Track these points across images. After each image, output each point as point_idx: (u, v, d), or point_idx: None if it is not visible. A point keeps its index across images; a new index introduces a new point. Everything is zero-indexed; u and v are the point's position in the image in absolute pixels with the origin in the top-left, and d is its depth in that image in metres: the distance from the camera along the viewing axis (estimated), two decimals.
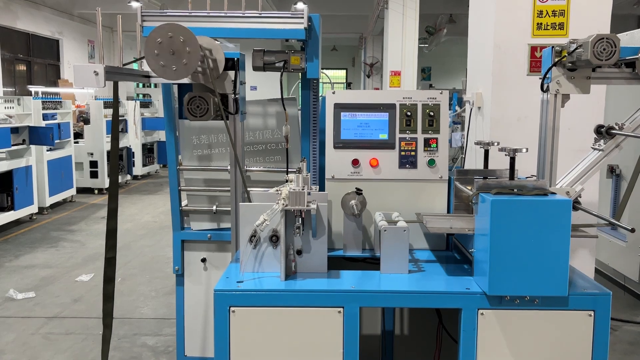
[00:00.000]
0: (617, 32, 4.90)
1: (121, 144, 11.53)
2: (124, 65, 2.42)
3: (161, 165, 13.83)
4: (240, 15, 2.98)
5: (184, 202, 3.66)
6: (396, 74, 12.44)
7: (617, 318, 5.01)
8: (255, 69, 3.22)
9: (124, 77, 2.34)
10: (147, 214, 9.28)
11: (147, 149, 12.99)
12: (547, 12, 4.29)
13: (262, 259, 2.30)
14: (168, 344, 4.40)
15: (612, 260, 5.64)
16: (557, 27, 4.30)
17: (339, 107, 2.65)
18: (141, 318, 5.01)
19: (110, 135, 10.93)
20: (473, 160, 4.83)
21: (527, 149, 2.21)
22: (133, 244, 7.48)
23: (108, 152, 10.98)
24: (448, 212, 2.70)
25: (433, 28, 13.58)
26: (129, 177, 11.93)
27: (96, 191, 10.84)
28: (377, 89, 17.02)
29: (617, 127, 2.65)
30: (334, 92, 2.67)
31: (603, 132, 2.68)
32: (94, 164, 10.70)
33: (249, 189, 2.78)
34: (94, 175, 10.72)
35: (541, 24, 4.31)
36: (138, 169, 12.44)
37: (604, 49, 2.36)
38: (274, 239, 2.27)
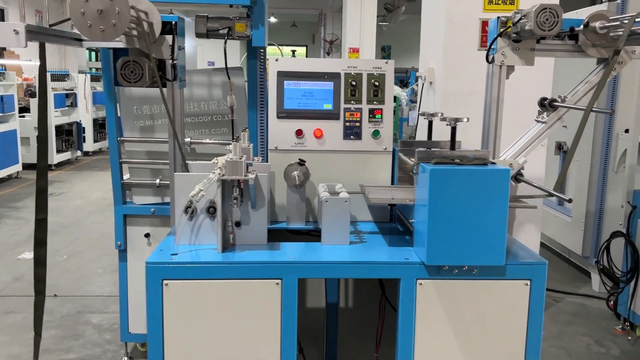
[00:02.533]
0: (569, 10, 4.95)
1: (71, 119, 11.12)
2: (50, 26, 2.27)
3: None
4: None
5: (126, 176, 3.53)
6: (354, 51, 12.35)
7: (561, 290, 5.17)
8: (198, 35, 3.09)
9: (49, 39, 2.19)
10: (97, 191, 9.00)
11: (99, 124, 12.56)
12: None
13: (199, 231, 2.23)
14: (113, 321, 4.28)
15: (558, 235, 5.80)
16: (507, 2, 4.30)
17: (283, 75, 2.56)
18: (86, 295, 4.87)
19: (58, 110, 10.52)
20: (425, 136, 4.83)
21: (467, 119, 2.19)
22: (82, 220, 7.25)
23: (56, 127, 10.57)
24: (392, 183, 2.67)
25: (391, 5, 13.51)
26: (79, 153, 11.54)
27: None
28: None
29: (559, 100, 2.65)
30: (277, 60, 2.58)
31: (546, 105, 2.68)
32: None
33: (190, 161, 2.68)
34: None
35: None
36: (89, 145, 12.05)
37: (547, 19, 2.35)
38: (211, 210, 2.19)
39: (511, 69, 2.65)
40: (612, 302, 4.45)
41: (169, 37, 2.56)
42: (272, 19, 23.25)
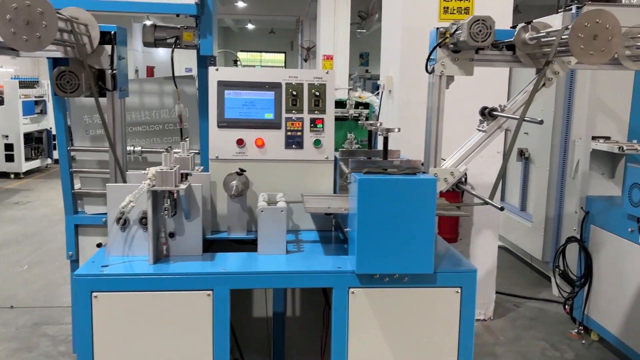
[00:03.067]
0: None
1: (41, 126, 10.98)
2: None
3: None
4: None
5: (77, 185, 3.50)
6: (328, 58, 12.40)
7: (521, 295, 5.23)
8: (145, 44, 3.10)
9: None
10: None
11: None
12: None
13: (132, 242, 2.21)
14: (69, 332, 4.22)
15: (520, 240, 5.87)
16: (462, 12, 4.37)
17: (223, 85, 2.57)
18: (44, 307, 4.80)
19: (27, 117, 10.39)
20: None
21: (399, 129, 2.21)
22: (47, 229, 7.16)
23: (26, 135, 10.44)
24: (335, 192, 2.69)
25: (365, 13, 13.60)
26: (49, 160, 11.38)
27: (12, 175, 10.29)
28: None
29: (499, 109, 2.70)
30: (217, 69, 2.58)
31: (486, 114, 2.72)
32: (9, 147, 10.13)
33: (134, 171, 2.66)
34: (9, 158, 10.16)
35: (447, 7, 4.37)
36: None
37: (480, 31, 2.39)
38: (143, 221, 2.18)
39: (451, 79, 2.69)
40: (567, 307, 4.52)
41: (108, 47, 2.55)
42: (250, 26, 23.29)
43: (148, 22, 3.30)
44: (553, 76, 2.63)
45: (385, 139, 2.24)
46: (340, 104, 10.77)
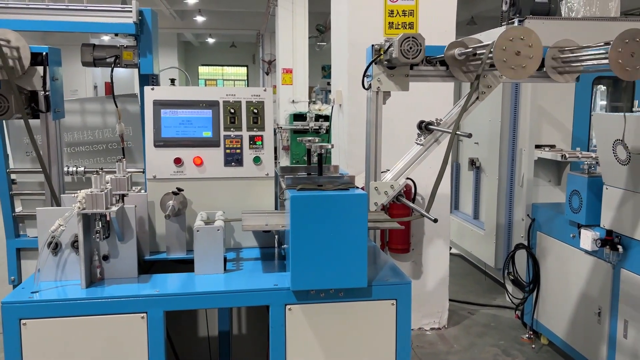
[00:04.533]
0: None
1: None
2: None
3: None
4: (64, 7, 2.82)
5: (18, 208, 3.42)
6: (288, 72, 12.45)
7: (476, 302, 5.32)
8: (84, 64, 3.06)
9: None
10: None
11: None
12: (398, 12, 4.44)
13: (64, 267, 2.17)
14: None
15: (474, 247, 5.98)
16: (407, 27, 4.46)
17: (159, 104, 2.56)
18: None
19: None
20: (337, 159, 4.92)
21: (332, 145, 2.24)
22: None
23: None
24: (276, 209, 2.70)
25: (323, 26, 13.74)
26: None
27: None
28: (275, 86, 17.01)
29: (435, 123, 2.76)
30: (152, 89, 2.57)
31: (423, 128, 2.78)
32: None
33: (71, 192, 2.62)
34: None
35: (392, 23, 4.45)
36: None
37: (411, 48, 2.45)
38: (75, 244, 2.15)
39: (387, 94, 2.74)
40: (518, 312, 4.61)
41: (40, 68, 2.52)
42: (210, 40, 23.21)
43: (106, 38, 3.27)
44: (486, 90, 2.71)
45: (320, 156, 2.26)
46: (300, 116, 10.84)
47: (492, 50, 2.32)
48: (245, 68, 26.01)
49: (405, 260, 4.57)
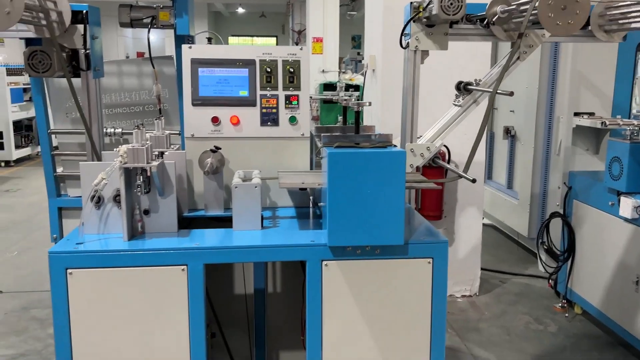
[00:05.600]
0: None
1: (30, 114, 10.93)
2: None
3: None
4: None
5: (60, 169, 3.51)
6: (318, 41, 12.33)
7: (508, 271, 5.28)
8: (122, 25, 3.09)
9: None
10: None
11: None
12: None
13: (107, 220, 2.23)
14: None
15: (507, 217, 5.91)
16: None
17: (197, 63, 2.57)
18: (33, 291, 4.82)
19: (16, 105, 10.33)
20: (369, 122, 4.87)
21: (369, 103, 2.22)
22: (35, 216, 7.16)
23: (15, 122, 10.38)
24: (311, 169, 2.70)
25: None
26: (39, 148, 11.30)
27: (2, 163, 10.26)
28: None
29: (474, 83, 2.70)
30: (190, 47, 2.58)
31: (461, 88, 2.73)
32: None
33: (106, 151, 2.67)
34: None
35: None
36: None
37: (451, 4, 2.38)
38: (117, 198, 2.20)
39: (425, 53, 2.69)
40: (552, 281, 4.57)
41: (80, 27, 2.55)
42: (240, 10, 23.07)
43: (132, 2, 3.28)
44: (527, 49, 2.63)
45: (357, 113, 2.25)
46: (330, 86, 10.76)
47: (536, 5, 2.24)
48: (275, 38, 25.82)
49: (438, 227, 4.53)
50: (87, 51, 2.55)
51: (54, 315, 2.08)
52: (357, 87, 9.19)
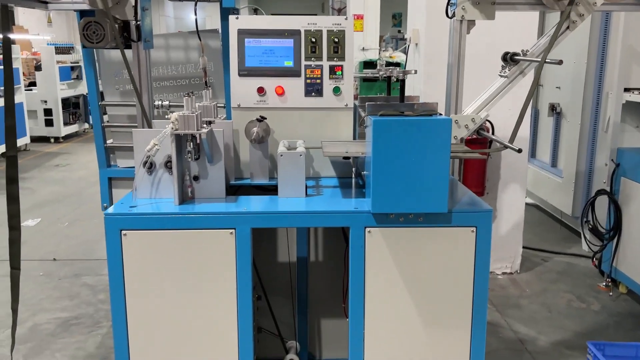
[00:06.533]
0: None
1: (77, 92, 11.28)
2: None
3: None
4: None
5: (109, 140, 3.63)
6: (359, 18, 12.16)
7: (550, 250, 5.21)
8: None
9: (10, 0, 2.26)
10: None
11: None
12: None
13: (158, 185, 2.32)
14: (107, 282, 4.44)
15: (550, 196, 5.81)
16: None
17: (243, 33, 2.61)
18: (84, 259, 5.05)
19: (64, 82, 10.66)
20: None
21: (415, 71, 2.22)
22: (84, 190, 7.44)
23: (63, 100, 10.73)
24: (354, 139, 2.73)
25: None
26: (86, 125, 11.71)
27: (52, 139, 10.65)
28: None
29: (521, 54, 2.66)
30: (237, 18, 2.62)
31: (508, 59, 2.69)
32: (48, 112, 10.46)
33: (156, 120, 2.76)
34: (49, 123, 10.51)
35: None
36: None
37: None
38: (168, 164, 2.28)
39: (472, 23, 2.66)
40: (596, 260, 4.49)
41: None
42: None
43: None
44: (577, 18, 2.57)
45: (402, 82, 2.25)
46: (371, 64, 10.66)
47: None
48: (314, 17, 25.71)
49: None
50: (138, 22, 2.62)
51: (109, 274, 2.20)
52: (397, 65, 9.11)
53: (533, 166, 6.13)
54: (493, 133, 4.23)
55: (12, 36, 11.06)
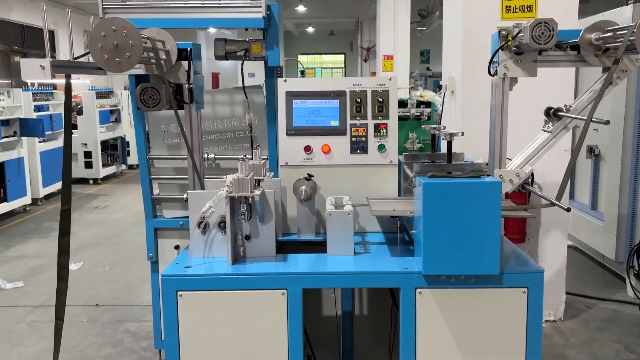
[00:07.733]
0: (597, 12, 4.91)
1: (115, 134, 11.63)
2: (75, 59, 2.48)
3: None
4: (200, 5, 3.03)
5: (156, 191, 3.74)
6: (389, 58, 12.42)
7: (594, 296, 5.09)
8: (217, 58, 3.28)
9: (72, 70, 2.40)
10: (139, 203, 9.37)
11: None
12: None
13: (211, 245, 2.38)
14: (149, 329, 4.50)
15: (591, 239, 5.70)
16: (525, 10, 4.32)
17: (291, 95, 2.71)
18: (125, 305, 5.13)
19: (103, 126, 11.02)
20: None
21: (462, 133, 2.27)
22: (124, 232, 7.60)
23: (102, 142, 11.08)
24: (399, 195, 2.76)
25: (425, 11, 13.51)
26: (124, 166, 12.03)
27: (91, 181, 10.95)
28: (374, 73, 16.96)
29: (564, 109, 2.69)
30: (285, 81, 2.72)
31: (551, 114, 2.72)
32: (88, 155, 10.80)
33: (209, 177, 2.85)
34: (88, 165, 10.83)
35: (510, 6, 4.33)
36: (133, 159, 12.51)
37: (542, 33, 2.40)
38: (222, 224, 2.35)
39: (514, 80, 2.71)
40: None
41: (185, 63, 2.75)
42: (310, 29, 23.57)
43: (212, 30, 3.47)
44: (621, 74, 2.60)
45: (449, 143, 2.29)
46: (401, 103, 10.75)
47: (634, 31, 2.22)
48: (343, 56, 26.18)
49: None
50: (191, 86, 2.74)
51: (165, 332, 2.24)
52: (428, 104, 9.14)
53: (572, 208, 6.04)
54: (533, 179, 4.21)
55: (53, 81, 11.49)
